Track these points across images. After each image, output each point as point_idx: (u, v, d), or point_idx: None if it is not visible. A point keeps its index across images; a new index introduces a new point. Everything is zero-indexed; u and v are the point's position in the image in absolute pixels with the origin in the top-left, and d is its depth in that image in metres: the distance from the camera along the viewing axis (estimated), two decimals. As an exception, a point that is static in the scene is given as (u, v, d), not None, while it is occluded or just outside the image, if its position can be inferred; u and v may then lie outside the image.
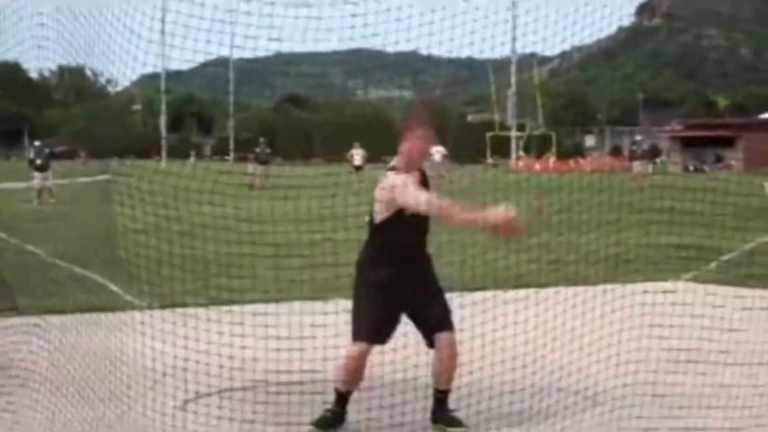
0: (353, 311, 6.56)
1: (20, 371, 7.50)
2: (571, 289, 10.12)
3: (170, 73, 77.90)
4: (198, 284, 11.17)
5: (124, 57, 7.34)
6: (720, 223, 13.10)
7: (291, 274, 11.60)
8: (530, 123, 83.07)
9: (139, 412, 6.64)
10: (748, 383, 7.21)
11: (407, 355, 6.92)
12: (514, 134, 78.20)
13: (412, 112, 6.96)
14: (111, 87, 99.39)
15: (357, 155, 45.27)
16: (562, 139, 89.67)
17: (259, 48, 7.56)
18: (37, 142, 39.12)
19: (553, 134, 77.26)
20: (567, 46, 12.19)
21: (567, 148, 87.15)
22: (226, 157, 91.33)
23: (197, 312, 8.37)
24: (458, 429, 6.55)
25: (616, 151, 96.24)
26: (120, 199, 8.37)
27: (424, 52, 9.02)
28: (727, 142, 70.03)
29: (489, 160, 69.01)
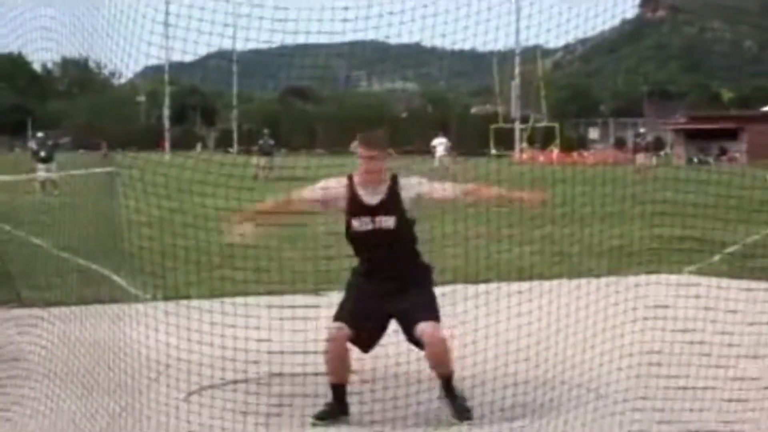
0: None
1: (24, 363, 7.51)
2: (575, 282, 10.11)
3: (174, 65, 77.77)
4: (202, 276, 11.17)
5: (128, 49, 7.34)
6: (724, 215, 13.08)
7: (295, 266, 11.60)
8: (534, 115, 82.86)
9: (143, 404, 6.65)
10: (751, 376, 7.20)
11: (410, 348, 6.92)
12: (518, 126, 78.12)
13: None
14: (115, 79, 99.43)
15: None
16: (566, 131, 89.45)
17: (263, 40, 7.55)
18: (40, 134, 39.06)
19: (556, 126, 77.14)
20: (571, 39, 12.19)
21: (571, 140, 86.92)
22: (230, 149, 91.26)
23: (201, 304, 8.36)
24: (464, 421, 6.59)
25: (619, 144, 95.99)
26: (124, 191, 8.37)
27: (428, 44, 9.01)
28: (731, 135, 69.80)
29: (492, 151, 68.93)
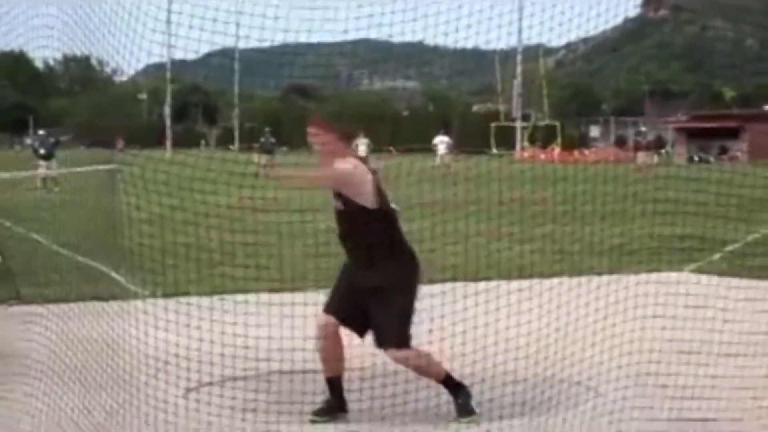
0: None
1: (23, 360, 7.51)
2: (575, 280, 10.10)
3: (176, 63, 77.67)
4: (202, 273, 11.17)
5: (130, 46, 7.34)
6: (724, 213, 13.08)
7: (295, 263, 11.61)
8: (535, 113, 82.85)
9: (141, 401, 6.65)
10: (750, 374, 7.20)
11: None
12: (520, 125, 78.09)
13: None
14: (117, 77, 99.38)
15: (362, 145, 45.25)
16: (568, 129, 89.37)
17: (265, 38, 7.56)
18: (42, 131, 39.09)
19: (558, 125, 77.08)
20: (573, 38, 12.20)
21: (572, 139, 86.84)
22: (231, 147, 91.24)
23: (200, 301, 8.36)
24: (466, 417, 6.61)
25: (620, 142, 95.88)
26: (125, 188, 8.36)
27: (431, 42, 9.01)
28: (732, 134, 69.74)
29: (494, 150, 68.92)
